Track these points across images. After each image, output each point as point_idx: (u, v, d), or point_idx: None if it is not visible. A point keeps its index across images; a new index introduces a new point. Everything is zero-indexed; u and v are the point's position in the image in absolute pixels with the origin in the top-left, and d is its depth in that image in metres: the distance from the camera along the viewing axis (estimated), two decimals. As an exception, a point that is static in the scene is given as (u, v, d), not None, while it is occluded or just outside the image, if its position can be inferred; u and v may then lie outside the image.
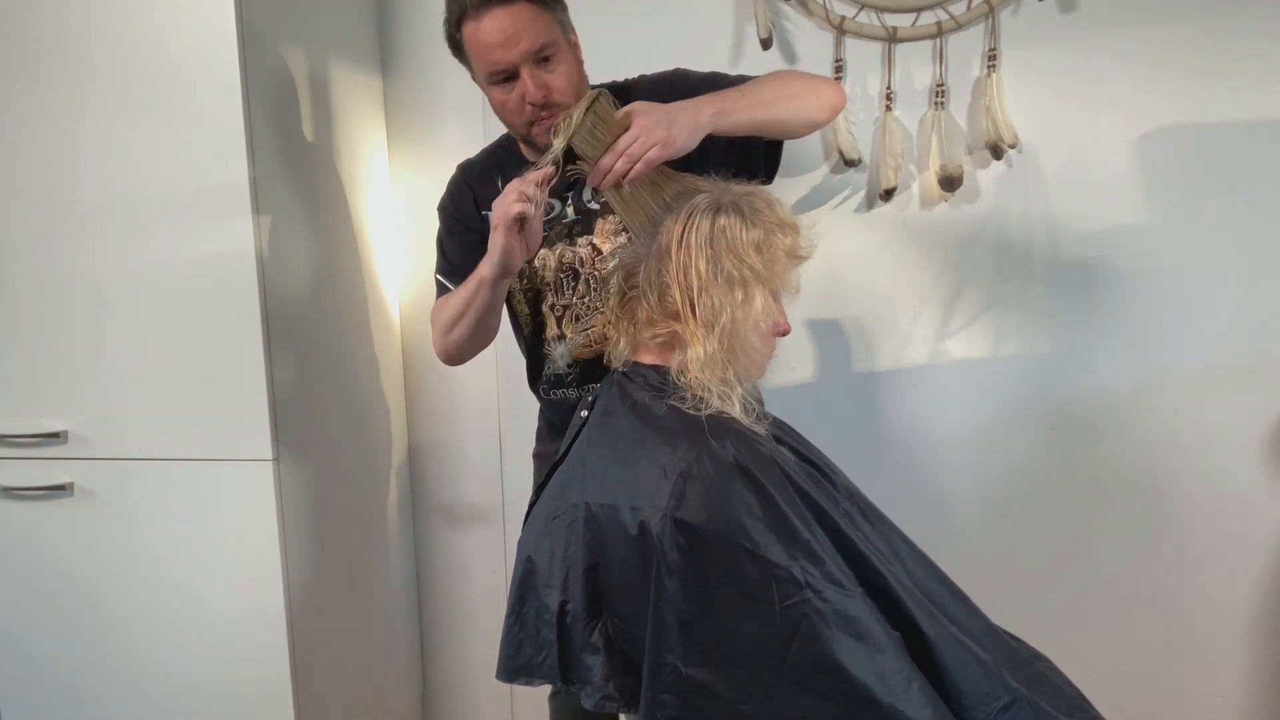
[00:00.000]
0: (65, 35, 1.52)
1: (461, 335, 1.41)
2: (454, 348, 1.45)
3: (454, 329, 1.41)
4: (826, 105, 1.37)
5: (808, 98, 1.34)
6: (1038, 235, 1.88)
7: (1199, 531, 1.92)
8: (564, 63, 1.33)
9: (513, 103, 1.33)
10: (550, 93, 1.31)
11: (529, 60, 1.29)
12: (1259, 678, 1.95)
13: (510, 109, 1.34)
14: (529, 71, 1.29)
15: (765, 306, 1.11)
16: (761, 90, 1.31)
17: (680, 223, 1.11)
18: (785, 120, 1.32)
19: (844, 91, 1.39)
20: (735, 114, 1.26)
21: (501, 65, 1.29)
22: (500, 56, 1.28)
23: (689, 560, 1.01)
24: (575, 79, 1.35)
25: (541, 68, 1.30)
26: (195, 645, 1.68)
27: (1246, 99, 1.77)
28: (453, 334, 1.42)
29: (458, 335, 1.42)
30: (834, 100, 1.38)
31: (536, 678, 1.12)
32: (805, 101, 1.34)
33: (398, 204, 2.09)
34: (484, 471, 2.15)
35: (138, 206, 1.56)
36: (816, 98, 1.35)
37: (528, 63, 1.29)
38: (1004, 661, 1.09)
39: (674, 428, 1.09)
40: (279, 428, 1.61)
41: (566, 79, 1.32)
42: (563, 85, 1.32)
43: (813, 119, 1.36)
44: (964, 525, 1.98)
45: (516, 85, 1.31)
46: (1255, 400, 1.86)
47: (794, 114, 1.33)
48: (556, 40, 1.32)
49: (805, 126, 1.36)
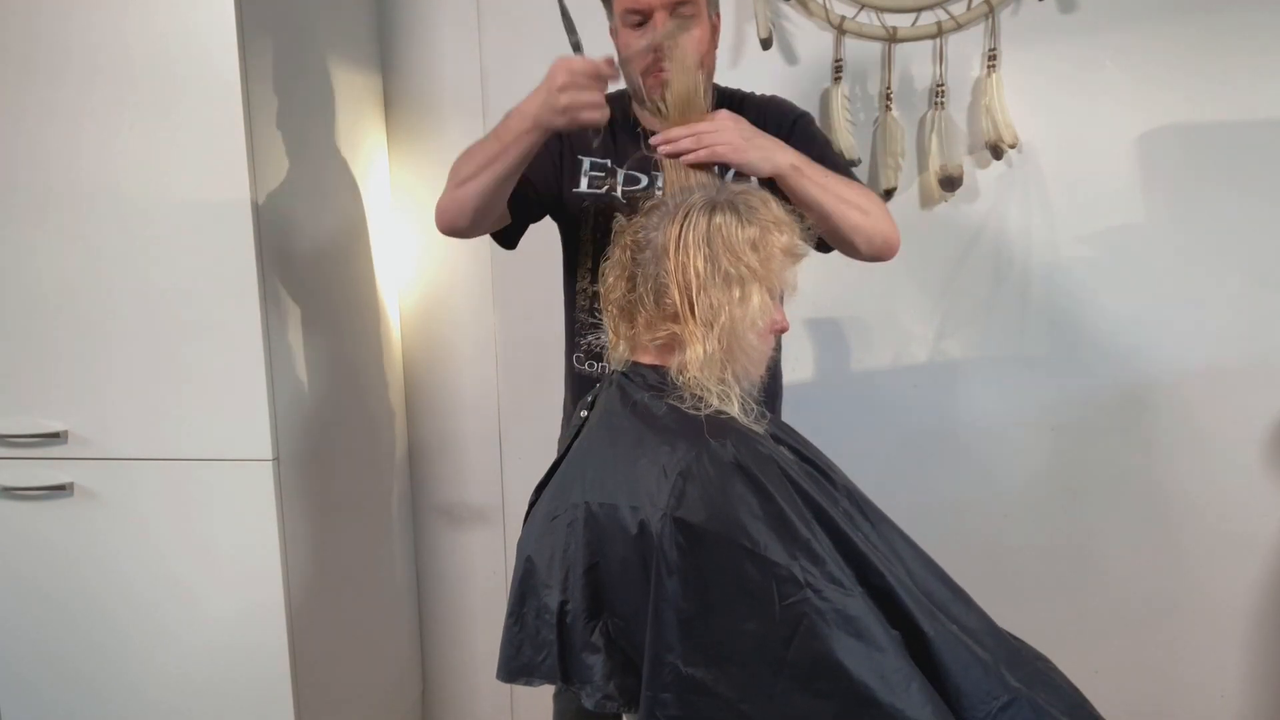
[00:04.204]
0: (65, 36, 1.52)
1: (478, 188, 1.34)
2: (464, 195, 1.36)
3: (470, 181, 1.34)
4: (879, 242, 1.36)
5: (870, 223, 1.34)
6: (1038, 235, 1.88)
7: (1199, 531, 1.92)
8: (699, 27, 1.36)
9: (638, 46, 1.35)
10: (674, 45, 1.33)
11: (667, 8, 1.32)
12: (1259, 678, 1.95)
13: (634, 53, 1.36)
14: (663, 18, 1.33)
15: (763, 305, 1.11)
16: (841, 186, 1.33)
17: (676, 223, 1.11)
18: (840, 223, 1.32)
19: (897, 246, 1.38)
20: (808, 182, 1.28)
21: (641, 4, 1.33)
22: None
23: (689, 559, 1.01)
24: (703, 48, 1.37)
25: (676, 21, 1.33)
26: (195, 645, 1.68)
27: (1246, 98, 1.77)
28: (470, 183, 1.34)
29: (474, 187, 1.34)
30: (887, 240, 1.36)
31: (536, 678, 1.12)
32: (867, 222, 1.33)
33: (398, 203, 2.09)
34: (484, 471, 2.15)
35: (138, 206, 1.56)
36: (875, 229, 1.34)
37: (664, 10, 1.33)
38: (1004, 660, 1.09)
39: (674, 427, 1.09)
40: (279, 428, 1.61)
41: (696, 42, 1.34)
42: (690, 45, 1.33)
43: (857, 241, 1.34)
44: (964, 525, 1.98)
45: (646, 30, 1.34)
46: (1255, 400, 1.86)
47: (850, 224, 1.32)
48: (699, 3, 1.35)
49: (847, 240, 1.35)
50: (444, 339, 2.11)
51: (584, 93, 1.23)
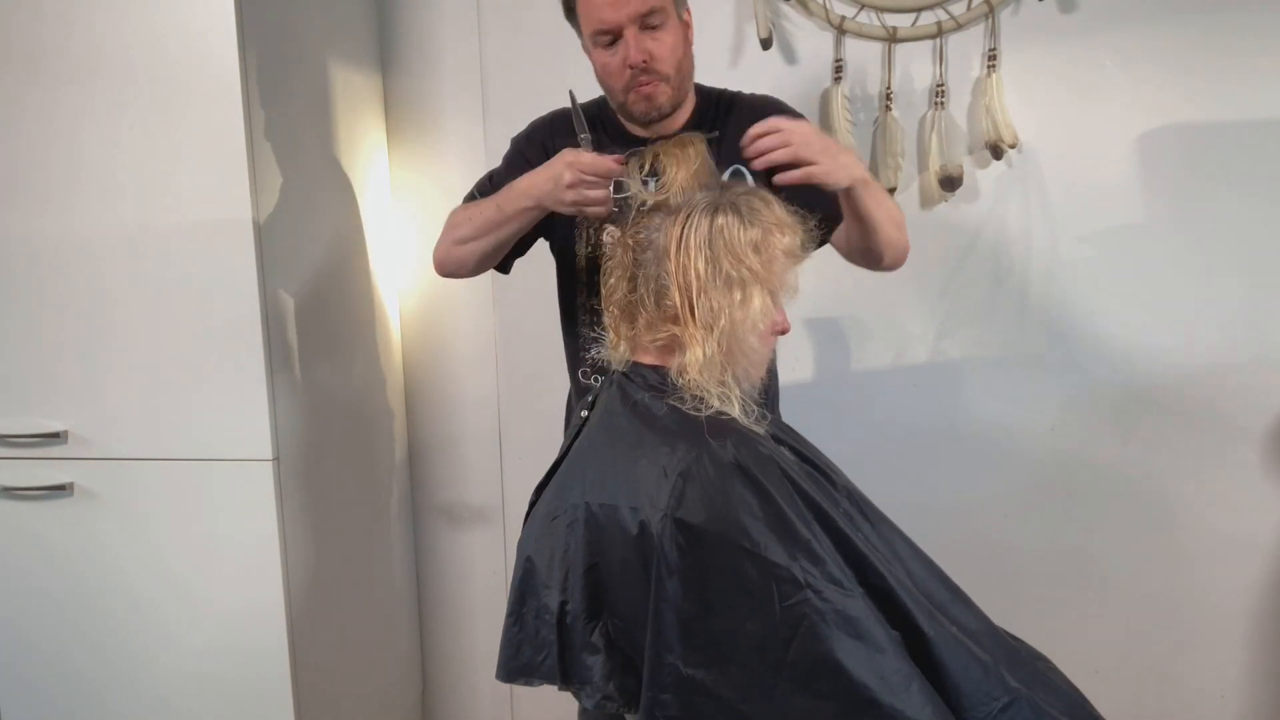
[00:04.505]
0: (66, 36, 1.52)
1: (479, 249, 1.40)
2: (464, 257, 1.42)
3: (471, 242, 1.40)
4: (901, 257, 1.43)
5: (902, 240, 1.40)
6: (1037, 235, 1.88)
7: (1199, 531, 1.92)
8: (670, 34, 1.34)
9: (614, 66, 1.34)
10: (652, 60, 1.32)
11: (635, 23, 1.30)
12: (1259, 678, 1.95)
13: (611, 72, 1.35)
14: (633, 34, 1.31)
15: (764, 307, 1.10)
16: (888, 202, 1.37)
17: (679, 224, 1.10)
18: (882, 239, 1.35)
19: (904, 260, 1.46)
20: (870, 197, 1.30)
21: (608, 24, 1.31)
22: (608, 15, 1.30)
23: (689, 560, 1.01)
24: (679, 54, 1.36)
25: (647, 33, 1.32)
26: (195, 645, 1.68)
27: (1246, 98, 1.77)
28: (467, 246, 1.40)
29: (474, 248, 1.40)
30: (904, 254, 1.43)
31: (536, 678, 1.12)
32: (900, 238, 1.40)
33: (398, 203, 2.09)
34: (484, 471, 2.15)
35: (138, 206, 1.56)
36: (903, 245, 1.41)
37: (633, 25, 1.30)
38: (1004, 661, 1.09)
39: (674, 428, 1.09)
40: (279, 428, 1.61)
41: (670, 50, 1.34)
42: (665, 54, 1.33)
43: (886, 254, 1.39)
44: (964, 525, 1.98)
45: (619, 48, 1.33)
46: (1255, 400, 1.86)
47: (889, 241, 1.37)
48: (666, 9, 1.33)
49: (878, 253, 1.39)
50: (444, 339, 2.11)
51: (592, 190, 1.24)
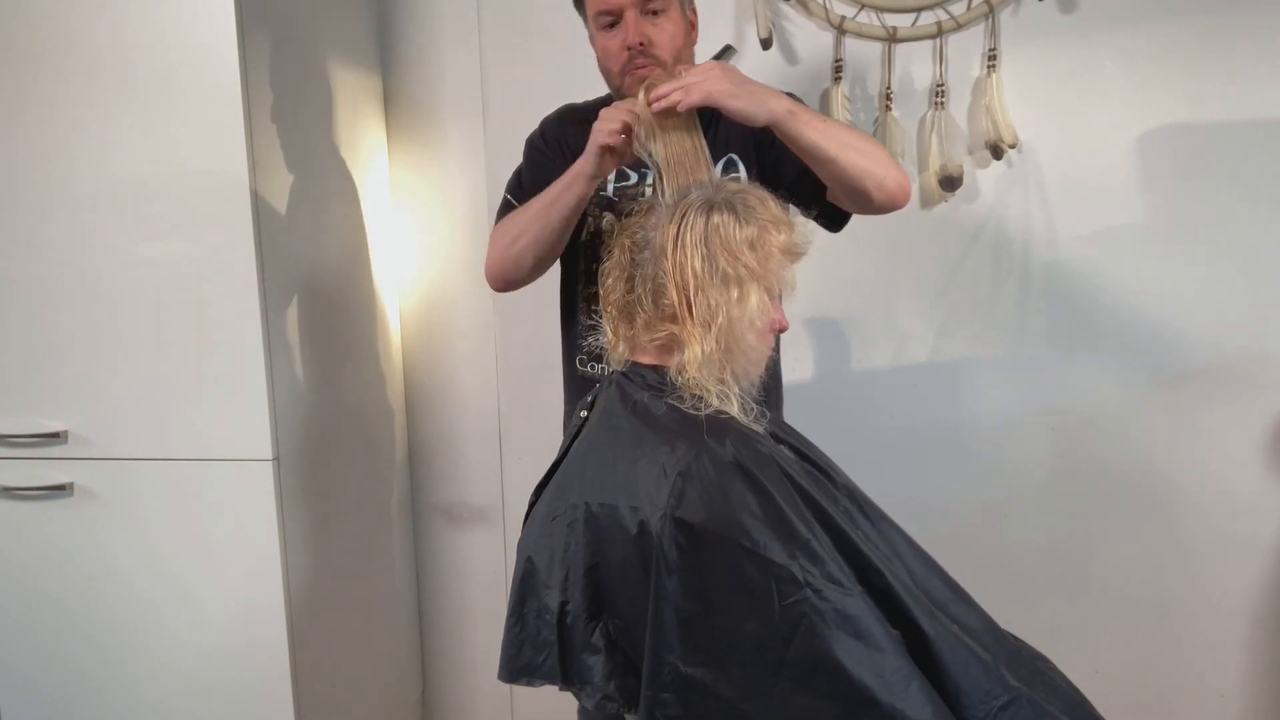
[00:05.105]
0: (66, 35, 1.52)
1: (532, 240, 1.37)
2: (518, 256, 1.40)
3: (522, 237, 1.38)
4: (891, 185, 1.28)
5: (878, 167, 1.27)
6: (1037, 235, 1.88)
7: (1199, 531, 1.92)
8: (671, 23, 1.36)
9: (613, 48, 1.36)
10: (649, 44, 1.33)
11: (636, 6, 1.33)
12: (1259, 678, 1.95)
13: (610, 54, 1.37)
14: (633, 16, 1.33)
15: (761, 304, 1.10)
16: (841, 130, 1.29)
17: (675, 222, 1.10)
18: (846, 167, 1.25)
19: (910, 191, 1.32)
20: (807, 127, 1.23)
21: (611, 5, 1.34)
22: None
23: (688, 559, 1.01)
24: (678, 43, 1.37)
25: (647, 19, 1.34)
26: (195, 645, 1.68)
27: (1246, 98, 1.77)
28: (520, 242, 1.39)
29: (527, 241, 1.38)
30: (898, 184, 1.29)
31: (537, 678, 1.12)
32: (872, 167, 1.27)
33: (398, 203, 2.09)
34: (484, 471, 2.15)
35: (138, 206, 1.56)
36: (885, 173, 1.28)
37: (634, 8, 1.33)
38: (1004, 660, 1.08)
39: (673, 427, 1.09)
40: (279, 428, 1.61)
41: (670, 38, 1.35)
42: (664, 41, 1.34)
43: (866, 185, 1.27)
44: (964, 525, 1.98)
45: (619, 31, 1.35)
46: (1255, 400, 1.86)
47: (858, 168, 1.26)
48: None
49: (856, 187, 1.28)
50: (444, 339, 2.11)
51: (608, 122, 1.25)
